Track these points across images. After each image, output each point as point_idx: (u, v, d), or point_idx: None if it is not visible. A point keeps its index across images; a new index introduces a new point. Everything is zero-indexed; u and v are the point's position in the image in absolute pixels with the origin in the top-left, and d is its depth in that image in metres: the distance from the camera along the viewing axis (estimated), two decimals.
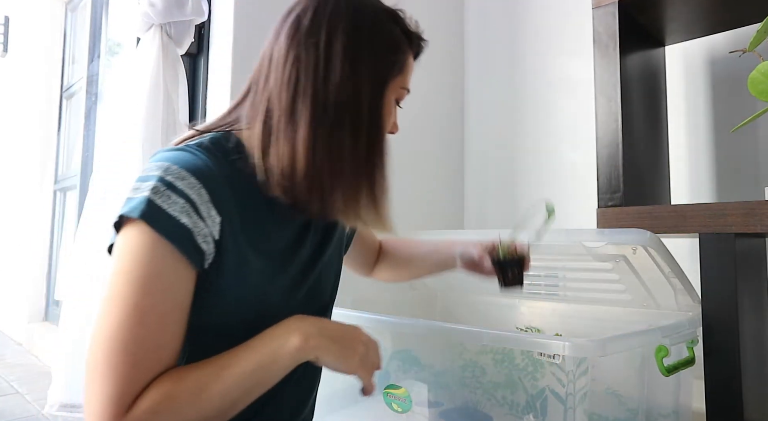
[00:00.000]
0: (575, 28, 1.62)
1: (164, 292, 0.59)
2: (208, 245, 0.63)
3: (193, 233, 0.61)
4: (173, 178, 0.61)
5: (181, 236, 0.60)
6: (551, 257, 1.19)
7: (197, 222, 0.61)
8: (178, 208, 0.61)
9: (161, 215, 0.60)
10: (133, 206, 0.60)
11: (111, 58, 2.64)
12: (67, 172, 3.13)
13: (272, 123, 0.67)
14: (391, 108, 0.73)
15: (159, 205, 0.60)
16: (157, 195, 0.60)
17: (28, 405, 1.97)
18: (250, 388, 0.61)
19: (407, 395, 0.95)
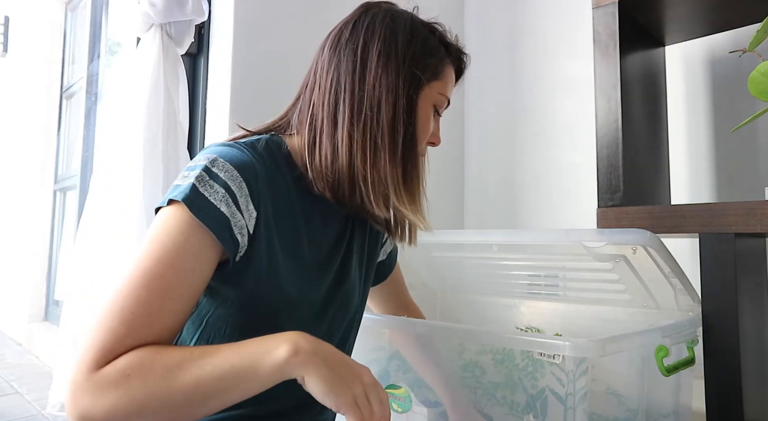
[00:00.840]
0: (575, 28, 1.62)
1: (179, 268, 0.61)
2: (242, 237, 0.66)
3: (231, 221, 0.64)
4: (218, 169, 0.65)
5: (217, 223, 0.63)
6: (551, 257, 1.19)
7: (235, 213, 0.64)
8: (219, 197, 0.64)
9: (202, 201, 0.63)
10: (180, 191, 0.63)
11: (111, 58, 2.64)
12: (67, 172, 3.13)
13: (317, 125, 0.72)
14: (428, 112, 0.75)
15: (201, 192, 0.63)
16: (201, 183, 0.64)
17: (28, 405, 1.98)
18: (225, 387, 0.57)
19: (407, 395, 0.95)
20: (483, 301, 1.42)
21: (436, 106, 0.78)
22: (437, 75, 0.77)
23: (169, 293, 0.60)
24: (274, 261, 0.69)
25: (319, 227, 0.76)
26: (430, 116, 0.76)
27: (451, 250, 1.34)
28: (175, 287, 0.60)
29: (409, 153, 0.72)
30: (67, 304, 1.34)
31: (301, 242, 0.73)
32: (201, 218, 0.62)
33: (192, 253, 0.62)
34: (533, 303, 1.32)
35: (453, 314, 1.49)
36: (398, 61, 0.72)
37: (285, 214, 0.71)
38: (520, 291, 1.33)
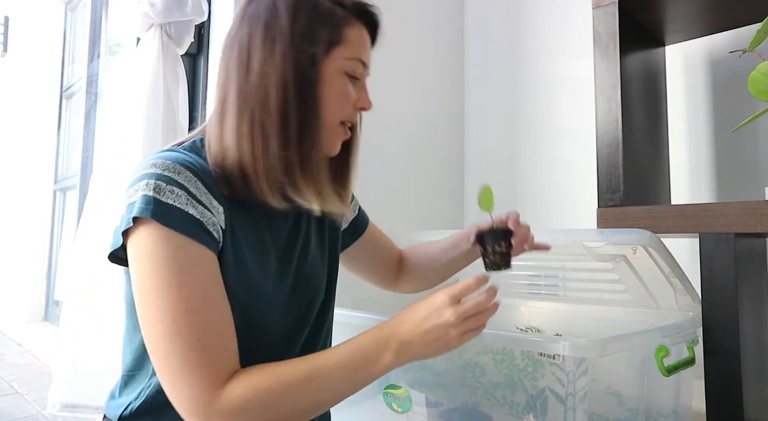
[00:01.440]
0: (575, 28, 1.62)
1: (196, 281, 0.62)
2: (218, 234, 0.66)
3: (203, 222, 0.64)
4: (171, 172, 0.64)
5: (192, 227, 0.62)
6: (551, 257, 1.19)
7: (204, 212, 0.64)
8: (184, 201, 0.63)
9: (170, 210, 0.62)
10: (142, 207, 0.61)
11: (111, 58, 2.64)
12: (67, 172, 3.13)
13: (209, 127, 0.71)
14: (338, 83, 0.71)
15: (165, 202, 0.62)
16: (159, 192, 0.62)
17: (27, 405, 1.98)
18: (336, 397, 0.64)
19: (407, 395, 0.95)
20: None
21: (350, 72, 0.73)
22: (337, 41, 0.71)
23: (208, 305, 0.61)
24: (239, 252, 0.68)
25: (275, 217, 0.75)
26: (342, 87, 0.72)
27: None
28: (210, 297, 0.62)
29: (307, 136, 0.69)
30: (67, 304, 1.34)
31: (263, 235, 0.73)
32: (175, 227, 0.61)
33: (191, 262, 0.62)
34: (533, 303, 1.32)
35: None
36: (283, 44, 0.68)
37: (241, 207, 0.70)
38: (520, 291, 1.33)
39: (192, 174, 0.65)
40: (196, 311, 0.60)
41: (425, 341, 0.63)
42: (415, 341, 0.63)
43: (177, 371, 0.59)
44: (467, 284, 0.65)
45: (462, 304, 0.64)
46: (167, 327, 0.60)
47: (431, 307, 0.64)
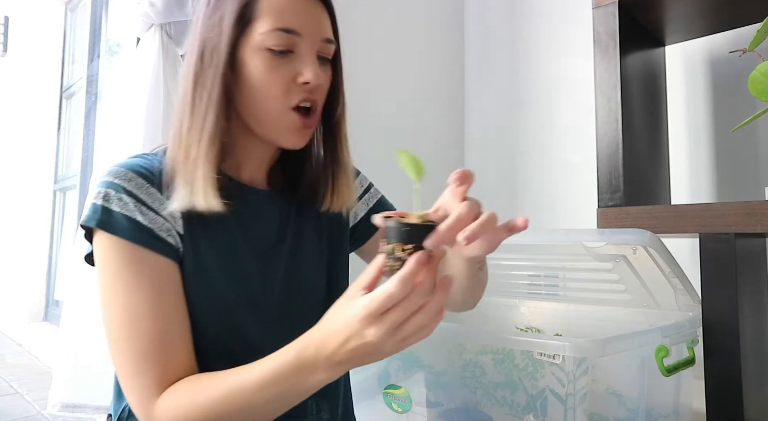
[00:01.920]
0: (575, 28, 1.62)
1: (143, 288, 0.61)
2: (174, 239, 0.65)
3: (152, 228, 0.63)
4: (121, 180, 0.64)
5: (139, 234, 0.62)
6: (551, 257, 1.19)
7: (155, 218, 0.64)
8: (131, 208, 0.63)
9: (116, 217, 0.63)
10: (89, 215, 0.64)
11: (111, 58, 2.64)
12: (67, 172, 3.13)
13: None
14: (258, 62, 0.65)
15: (112, 209, 0.63)
16: (107, 200, 0.63)
17: (27, 405, 1.98)
18: (273, 411, 0.59)
19: (407, 395, 0.95)
20: (483, 301, 1.42)
21: (273, 47, 0.65)
22: (250, 17, 0.65)
23: (155, 314, 0.61)
24: (203, 261, 0.66)
25: (252, 217, 0.72)
26: (264, 65, 0.65)
27: None
28: (157, 306, 0.62)
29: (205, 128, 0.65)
30: (67, 304, 1.34)
31: (233, 237, 0.70)
32: (122, 235, 0.62)
33: (139, 270, 0.62)
34: (533, 303, 1.32)
35: (453, 314, 1.49)
36: (199, 44, 0.67)
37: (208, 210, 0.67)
38: (520, 291, 1.33)
39: (145, 180, 0.65)
40: (141, 319, 0.61)
41: (359, 355, 0.53)
42: (346, 358, 0.53)
43: (124, 375, 0.61)
44: (388, 294, 0.49)
45: (385, 317, 0.50)
46: (116, 334, 0.61)
47: (349, 330, 0.51)
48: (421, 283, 0.51)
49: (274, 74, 0.66)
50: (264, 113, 0.68)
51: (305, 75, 0.66)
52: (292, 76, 0.67)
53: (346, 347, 0.52)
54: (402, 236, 0.52)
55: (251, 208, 0.73)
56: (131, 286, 0.61)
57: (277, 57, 0.66)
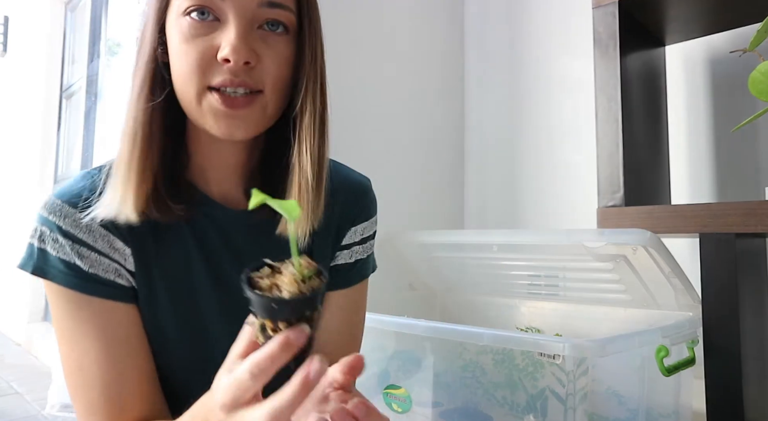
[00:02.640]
0: (575, 28, 1.62)
1: (89, 337, 0.55)
2: (125, 279, 0.58)
3: (96, 274, 0.56)
4: (56, 216, 0.55)
5: (81, 282, 0.55)
6: (551, 257, 1.19)
7: (99, 260, 0.56)
8: (68, 251, 0.55)
9: (52, 263, 0.55)
10: (24, 258, 0.56)
11: (111, 58, 2.64)
12: (67, 171, 3.13)
13: None
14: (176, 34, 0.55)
15: (47, 253, 0.55)
16: (42, 240, 0.55)
17: (27, 405, 1.97)
18: None
19: (407, 395, 0.95)
20: (483, 301, 1.42)
21: (190, 12, 0.53)
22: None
23: (102, 364, 0.55)
24: (155, 296, 0.59)
25: (217, 242, 0.61)
26: (183, 38, 0.54)
27: (451, 250, 1.34)
28: (104, 355, 0.55)
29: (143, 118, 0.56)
30: None
31: (190, 266, 0.60)
32: (62, 283, 0.55)
33: (85, 318, 0.55)
34: (533, 303, 1.32)
35: (453, 314, 1.49)
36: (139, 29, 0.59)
37: (166, 236, 0.59)
38: (520, 291, 1.33)
39: (85, 214, 0.55)
40: (88, 371, 0.55)
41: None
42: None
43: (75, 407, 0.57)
44: (240, 381, 0.41)
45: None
46: (67, 381, 0.57)
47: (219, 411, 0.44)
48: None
49: (189, 46, 0.53)
50: (183, 96, 0.56)
51: (223, 49, 0.52)
52: (213, 51, 0.53)
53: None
54: (271, 313, 0.40)
55: (216, 230, 0.61)
56: (76, 335, 0.55)
57: (197, 25, 0.53)
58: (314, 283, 0.40)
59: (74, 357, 0.56)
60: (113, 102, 1.67)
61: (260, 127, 0.57)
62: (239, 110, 0.54)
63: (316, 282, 0.40)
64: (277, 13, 0.55)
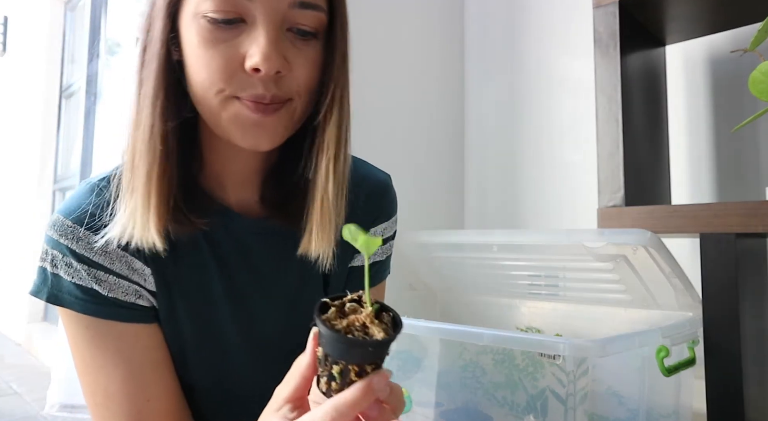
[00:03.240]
0: (575, 28, 1.62)
1: (115, 364, 0.52)
2: (146, 300, 0.55)
3: (117, 298, 0.52)
4: (67, 239, 0.51)
5: (100, 307, 0.52)
6: (551, 257, 1.19)
7: (118, 283, 0.53)
8: (84, 276, 0.51)
9: (68, 289, 0.52)
10: (37, 283, 0.53)
11: (110, 57, 2.64)
12: (67, 172, 3.13)
13: None
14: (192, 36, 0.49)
15: (61, 278, 0.52)
16: (56, 265, 0.52)
17: (26, 405, 1.97)
18: None
19: (407, 395, 0.95)
20: (483, 301, 1.42)
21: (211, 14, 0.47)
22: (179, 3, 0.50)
23: (127, 392, 0.53)
24: (174, 311, 0.56)
25: (233, 253, 0.58)
26: (203, 43, 0.48)
27: (451, 250, 1.34)
28: (122, 383, 0.53)
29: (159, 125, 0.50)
30: None
31: (206, 277, 0.57)
32: (80, 310, 0.51)
33: (105, 347, 0.52)
34: (533, 303, 1.32)
35: (453, 314, 1.49)
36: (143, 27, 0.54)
37: (182, 249, 0.55)
38: (520, 291, 1.33)
39: (99, 236, 0.51)
40: (114, 399, 0.52)
41: None
42: None
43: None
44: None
45: None
46: (94, 411, 0.54)
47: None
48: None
49: (211, 52, 0.47)
50: (202, 104, 0.50)
51: (252, 57, 0.47)
52: (239, 59, 0.48)
53: None
54: (358, 352, 0.37)
55: (233, 240, 0.57)
56: (99, 361, 0.52)
57: (219, 29, 0.47)
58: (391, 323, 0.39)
59: (100, 385, 0.53)
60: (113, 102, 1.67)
61: (286, 136, 0.53)
62: (268, 117, 0.50)
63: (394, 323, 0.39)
64: (310, 15, 0.50)
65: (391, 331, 0.38)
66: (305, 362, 0.41)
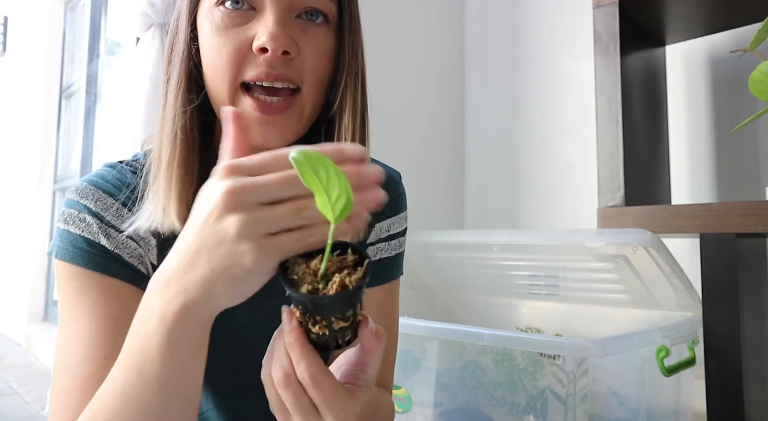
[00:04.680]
0: (575, 27, 1.62)
1: (81, 318, 0.51)
2: (146, 269, 0.55)
3: (120, 255, 0.53)
4: (87, 200, 0.54)
5: (101, 260, 0.52)
6: (551, 257, 1.19)
7: (125, 242, 0.53)
8: (94, 230, 0.53)
9: (73, 242, 0.53)
10: (53, 243, 0.55)
11: (111, 57, 2.64)
12: (67, 171, 3.13)
13: None
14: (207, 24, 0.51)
15: (73, 233, 0.53)
16: (69, 221, 0.54)
17: (27, 406, 1.97)
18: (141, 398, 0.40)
19: (407, 395, 0.95)
20: (483, 301, 1.42)
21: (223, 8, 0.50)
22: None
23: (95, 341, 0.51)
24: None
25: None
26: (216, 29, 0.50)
27: (451, 250, 1.34)
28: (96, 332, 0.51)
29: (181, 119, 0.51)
30: None
31: None
32: (82, 263, 0.52)
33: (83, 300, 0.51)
34: (533, 303, 1.32)
35: (453, 314, 1.49)
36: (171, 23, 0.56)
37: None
38: (521, 291, 1.33)
39: (114, 199, 0.54)
40: (73, 355, 0.50)
41: (196, 265, 0.36)
42: (180, 277, 0.37)
43: (50, 416, 0.50)
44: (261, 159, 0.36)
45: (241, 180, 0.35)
46: (53, 384, 0.52)
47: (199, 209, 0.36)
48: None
49: (222, 38, 0.49)
50: (215, 96, 0.52)
51: (260, 38, 0.48)
52: (248, 42, 0.49)
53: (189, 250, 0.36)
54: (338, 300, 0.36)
55: None
56: (73, 315, 0.51)
57: (231, 15, 0.49)
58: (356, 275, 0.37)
59: (67, 345, 0.51)
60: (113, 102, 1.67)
61: (297, 134, 0.53)
62: (276, 116, 0.50)
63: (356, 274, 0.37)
64: (317, 2, 0.51)
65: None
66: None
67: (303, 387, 0.37)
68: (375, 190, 0.36)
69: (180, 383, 0.40)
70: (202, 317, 0.38)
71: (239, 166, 0.35)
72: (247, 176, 0.35)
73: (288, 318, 0.38)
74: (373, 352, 0.39)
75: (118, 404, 0.41)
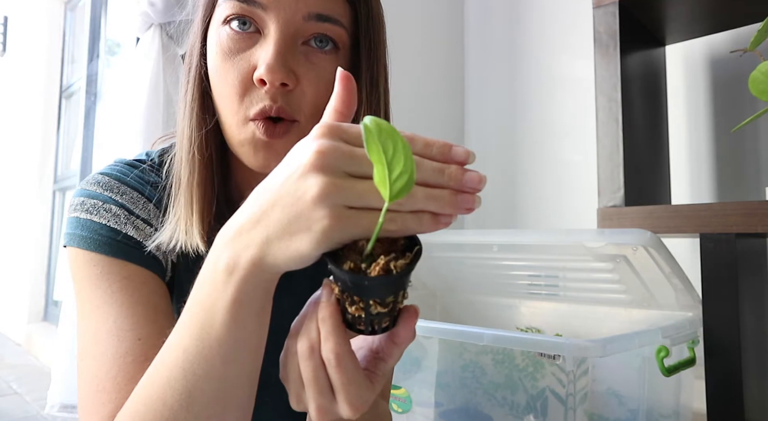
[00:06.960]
0: (575, 27, 1.62)
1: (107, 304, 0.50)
2: (167, 263, 0.54)
3: (141, 240, 0.52)
4: (101, 188, 0.53)
5: (128, 248, 0.51)
6: (551, 257, 1.19)
7: (143, 227, 0.52)
8: (111, 216, 0.52)
9: (97, 231, 0.51)
10: (69, 234, 0.53)
11: (111, 58, 2.64)
12: (67, 172, 3.13)
13: None
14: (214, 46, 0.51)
15: (89, 219, 0.52)
16: (83, 210, 0.52)
17: (27, 406, 1.97)
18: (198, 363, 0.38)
19: (407, 395, 0.95)
20: (483, 301, 1.42)
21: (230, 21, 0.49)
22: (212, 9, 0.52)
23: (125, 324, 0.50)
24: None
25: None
26: (222, 53, 0.49)
27: (451, 250, 1.34)
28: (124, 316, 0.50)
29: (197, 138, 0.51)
30: (67, 304, 1.34)
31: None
32: (109, 252, 0.50)
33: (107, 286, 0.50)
34: (533, 303, 1.32)
35: (453, 314, 1.49)
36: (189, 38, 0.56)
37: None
38: (520, 291, 1.33)
39: (140, 194, 0.54)
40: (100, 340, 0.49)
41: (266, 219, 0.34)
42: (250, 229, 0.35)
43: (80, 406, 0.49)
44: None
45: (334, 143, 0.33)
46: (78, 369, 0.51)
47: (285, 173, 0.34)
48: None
49: (228, 64, 0.49)
50: (223, 120, 0.51)
51: (258, 69, 0.47)
52: (251, 70, 0.49)
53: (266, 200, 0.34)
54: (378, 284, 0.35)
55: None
56: (96, 302, 0.50)
57: (236, 38, 0.48)
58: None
59: (90, 331, 0.49)
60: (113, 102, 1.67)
61: None
62: (277, 140, 0.49)
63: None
64: (326, 28, 0.49)
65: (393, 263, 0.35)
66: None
67: (324, 364, 0.36)
68: (471, 198, 0.36)
69: (243, 350, 0.38)
70: (267, 275, 0.36)
71: (338, 129, 0.33)
72: (343, 143, 0.33)
73: (327, 292, 0.36)
74: (403, 345, 0.38)
75: (174, 372, 0.38)
